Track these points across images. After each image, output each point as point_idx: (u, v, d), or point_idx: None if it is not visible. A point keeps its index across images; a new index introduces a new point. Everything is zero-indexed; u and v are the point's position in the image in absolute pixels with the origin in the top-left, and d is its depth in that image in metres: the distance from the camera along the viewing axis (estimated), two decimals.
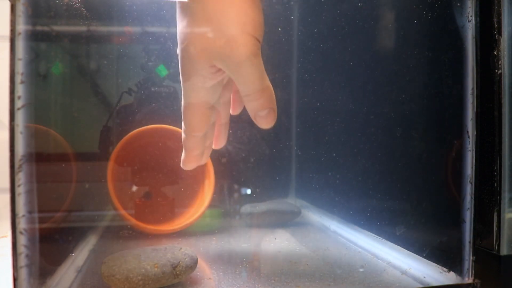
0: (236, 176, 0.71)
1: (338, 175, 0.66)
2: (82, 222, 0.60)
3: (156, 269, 0.38)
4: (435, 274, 0.43)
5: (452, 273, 0.42)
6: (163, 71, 0.66)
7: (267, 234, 0.60)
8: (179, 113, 0.39)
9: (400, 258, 0.48)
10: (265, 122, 0.37)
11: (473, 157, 0.40)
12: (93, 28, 0.61)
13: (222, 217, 0.68)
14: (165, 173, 0.63)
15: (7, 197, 0.31)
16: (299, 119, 0.78)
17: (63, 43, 0.53)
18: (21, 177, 0.31)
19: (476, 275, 0.40)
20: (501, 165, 0.39)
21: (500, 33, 0.39)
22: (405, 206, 0.51)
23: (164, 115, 0.64)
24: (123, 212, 0.56)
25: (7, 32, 0.31)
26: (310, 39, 0.74)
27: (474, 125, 0.40)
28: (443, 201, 0.45)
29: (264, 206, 0.66)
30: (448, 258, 0.42)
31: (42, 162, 0.36)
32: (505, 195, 0.39)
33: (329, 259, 0.50)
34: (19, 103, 0.31)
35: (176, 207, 0.62)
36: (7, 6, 0.31)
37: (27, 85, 0.32)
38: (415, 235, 0.49)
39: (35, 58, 0.35)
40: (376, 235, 0.55)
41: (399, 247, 0.50)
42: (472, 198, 0.40)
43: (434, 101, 0.45)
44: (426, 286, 0.41)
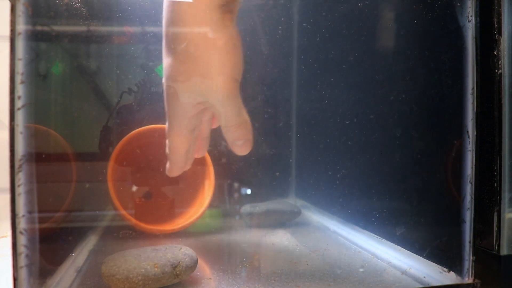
0: (236, 176, 0.71)
1: (338, 175, 0.66)
2: (82, 222, 0.60)
3: (156, 269, 0.38)
4: (435, 274, 0.43)
5: (452, 273, 0.42)
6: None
7: (267, 234, 0.60)
8: None
9: (400, 258, 0.48)
10: (240, 150, 0.41)
11: (473, 157, 0.40)
12: (93, 28, 0.61)
13: (222, 217, 0.68)
14: (165, 173, 0.63)
15: (7, 197, 0.31)
16: (299, 119, 0.78)
17: (63, 43, 0.53)
18: (21, 177, 0.31)
19: (476, 275, 0.40)
20: (501, 165, 0.39)
21: (500, 33, 0.39)
22: (405, 206, 0.51)
23: (164, 115, 0.64)
24: (123, 212, 0.56)
25: (7, 32, 0.31)
26: (310, 38, 0.74)
27: (474, 125, 0.40)
28: (443, 201, 0.45)
29: (264, 206, 0.66)
30: (448, 258, 0.42)
31: (42, 162, 0.36)
32: (505, 195, 0.39)
33: (329, 259, 0.50)
34: (19, 103, 0.31)
35: (176, 207, 0.62)
36: (7, 6, 0.31)
37: (27, 85, 0.32)
38: (415, 235, 0.49)
39: (35, 58, 0.35)
40: (376, 235, 0.55)
41: (399, 247, 0.50)
42: (472, 198, 0.40)
43: (434, 101, 0.45)
44: (426, 286, 0.41)
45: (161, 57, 0.40)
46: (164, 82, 0.40)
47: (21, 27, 0.31)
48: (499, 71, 0.39)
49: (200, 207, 0.60)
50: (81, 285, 0.40)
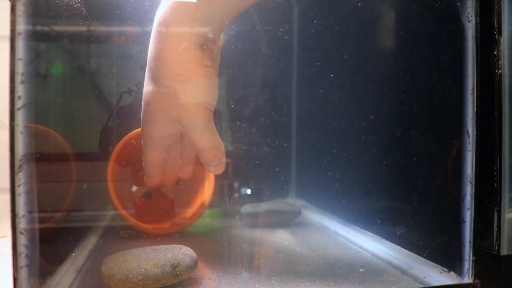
0: (236, 176, 0.71)
1: (338, 175, 0.66)
2: (82, 222, 0.60)
3: (156, 269, 0.38)
4: (435, 274, 0.43)
5: (452, 273, 0.42)
6: None
7: (267, 234, 0.60)
8: None
9: (400, 258, 0.48)
10: (214, 171, 0.46)
11: (473, 157, 0.40)
12: (93, 28, 0.61)
13: (222, 217, 0.68)
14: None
15: (7, 197, 0.31)
16: (299, 119, 0.78)
17: (63, 43, 0.53)
18: (21, 177, 0.31)
19: (476, 275, 0.40)
20: (501, 165, 0.39)
21: (500, 33, 0.39)
22: (405, 206, 0.51)
23: None
24: (123, 212, 0.56)
25: (7, 32, 0.31)
26: (310, 38, 0.74)
27: (474, 125, 0.40)
28: (443, 201, 0.45)
29: (264, 206, 0.66)
30: (448, 258, 0.42)
31: (42, 162, 0.36)
32: (505, 195, 0.39)
33: (329, 259, 0.50)
34: (19, 103, 0.31)
35: (176, 207, 0.62)
36: (7, 6, 0.31)
37: (27, 85, 0.32)
38: (415, 235, 0.49)
39: (35, 58, 0.35)
40: (376, 235, 0.55)
41: (399, 247, 0.50)
42: (472, 198, 0.40)
43: (434, 101, 0.45)
44: (426, 286, 0.41)
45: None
46: (142, 104, 0.44)
47: (21, 27, 0.31)
48: (499, 71, 0.39)
49: (200, 207, 0.60)
50: (81, 285, 0.40)
